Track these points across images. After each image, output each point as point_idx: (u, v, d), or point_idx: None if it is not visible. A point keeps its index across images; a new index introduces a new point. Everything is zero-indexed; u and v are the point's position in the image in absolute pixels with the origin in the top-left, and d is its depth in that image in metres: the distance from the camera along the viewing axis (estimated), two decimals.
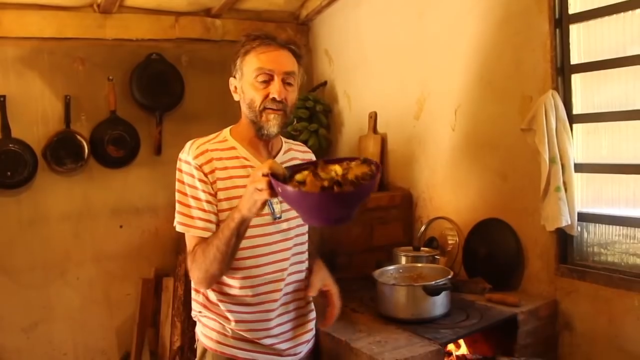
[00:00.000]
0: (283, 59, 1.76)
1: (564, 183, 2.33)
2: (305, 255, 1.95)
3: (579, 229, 2.38)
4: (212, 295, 1.85)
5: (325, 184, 1.46)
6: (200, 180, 1.75)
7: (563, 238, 2.43)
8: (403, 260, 2.70)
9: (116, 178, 3.44)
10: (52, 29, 3.19)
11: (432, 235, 2.96)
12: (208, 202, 1.75)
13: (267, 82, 1.74)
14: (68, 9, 3.22)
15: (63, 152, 3.24)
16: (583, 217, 2.37)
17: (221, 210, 1.77)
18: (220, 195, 1.76)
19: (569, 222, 2.31)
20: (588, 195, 2.41)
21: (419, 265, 2.54)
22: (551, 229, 2.35)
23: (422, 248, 2.80)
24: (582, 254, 2.42)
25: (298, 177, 1.53)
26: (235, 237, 1.63)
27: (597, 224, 2.37)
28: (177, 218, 1.79)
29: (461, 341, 2.38)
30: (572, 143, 2.36)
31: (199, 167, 1.74)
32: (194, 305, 1.92)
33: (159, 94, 3.47)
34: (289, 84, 1.77)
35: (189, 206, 1.76)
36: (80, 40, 3.29)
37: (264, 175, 1.49)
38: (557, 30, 2.41)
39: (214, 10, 3.59)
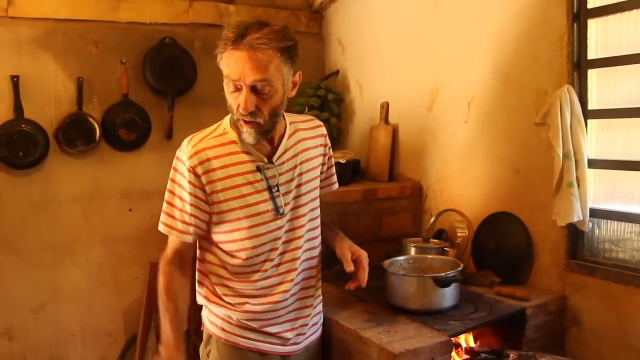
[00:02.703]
0: (253, 65, 1.57)
1: (577, 178, 2.31)
2: (318, 241, 1.95)
3: (591, 225, 2.36)
4: (218, 290, 1.85)
5: None
6: (190, 183, 1.70)
7: (574, 234, 2.42)
8: (412, 251, 2.70)
9: (127, 161, 3.44)
10: (66, 10, 3.18)
11: (442, 227, 2.96)
12: (193, 205, 1.71)
13: (238, 90, 1.63)
14: None
15: (75, 133, 3.23)
16: (595, 213, 2.36)
17: (221, 212, 1.74)
18: (220, 196, 1.72)
19: (581, 218, 2.30)
20: (601, 191, 2.39)
21: (429, 256, 2.54)
22: (562, 224, 2.34)
23: (431, 240, 2.80)
24: (592, 250, 2.41)
25: None
26: None
27: (609, 221, 2.35)
28: (162, 218, 1.76)
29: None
30: (586, 138, 2.35)
31: (192, 169, 1.69)
32: (198, 296, 1.91)
33: (171, 78, 3.46)
34: (262, 92, 1.62)
35: (173, 206, 1.74)
36: (94, 23, 3.28)
37: None
38: (575, 24, 2.38)
39: None
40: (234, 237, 1.77)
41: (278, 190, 1.76)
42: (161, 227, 1.77)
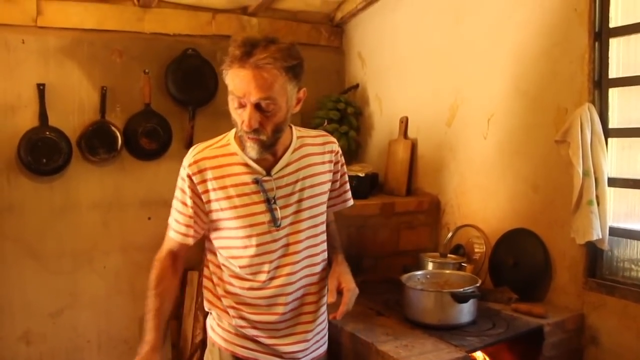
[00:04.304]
0: (258, 84, 1.59)
1: (597, 197, 2.31)
2: (320, 257, 1.92)
3: (610, 243, 2.36)
4: (219, 290, 1.87)
5: None
6: (190, 188, 1.76)
7: (593, 252, 2.41)
8: (430, 266, 2.71)
9: (147, 170, 3.48)
10: (93, 20, 3.24)
11: (459, 242, 2.96)
12: (193, 209, 1.77)
13: (242, 107, 1.64)
14: (109, 2, 3.28)
15: (97, 142, 3.28)
16: (614, 232, 2.36)
17: (217, 219, 1.79)
18: (214, 205, 1.76)
19: (600, 236, 2.30)
20: (621, 210, 2.39)
21: (447, 271, 2.55)
22: (581, 242, 2.34)
23: (448, 255, 2.80)
24: (611, 268, 2.40)
25: None
26: None
27: (628, 240, 2.35)
28: (169, 220, 1.85)
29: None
30: (606, 157, 2.35)
31: (190, 176, 1.75)
32: (204, 301, 1.94)
33: (193, 89, 3.50)
34: (266, 109, 1.63)
35: (177, 210, 1.81)
36: (119, 33, 3.34)
37: None
38: (597, 43, 2.39)
39: (250, 8, 3.62)
40: (229, 244, 1.82)
41: (275, 203, 1.77)
42: (169, 230, 1.85)
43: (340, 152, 1.99)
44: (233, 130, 1.80)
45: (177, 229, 1.81)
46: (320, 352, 2.00)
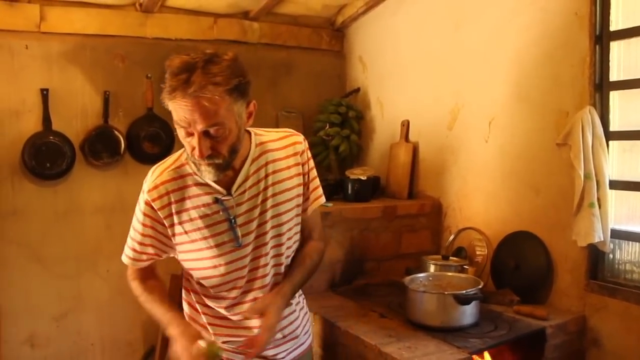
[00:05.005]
0: (202, 112, 1.47)
1: (598, 199, 2.33)
2: (288, 262, 1.86)
3: (612, 246, 2.38)
4: (199, 307, 1.83)
5: None
6: (145, 214, 1.69)
7: (594, 254, 2.43)
8: (432, 268, 2.72)
9: None
10: (95, 25, 3.26)
11: (461, 245, 2.98)
12: (146, 236, 1.71)
13: (191, 135, 1.53)
14: (111, 7, 3.29)
15: (100, 146, 3.29)
16: (616, 234, 2.37)
17: (182, 242, 1.71)
18: (179, 228, 1.68)
19: (602, 239, 2.31)
20: (622, 212, 2.41)
21: (449, 274, 2.56)
22: (583, 245, 2.35)
23: (450, 257, 2.81)
24: (613, 271, 2.42)
25: None
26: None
27: (630, 242, 2.37)
28: (127, 241, 1.79)
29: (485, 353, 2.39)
30: (607, 159, 2.36)
31: (149, 202, 1.67)
32: (185, 312, 1.89)
33: None
34: (216, 135, 1.52)
35: (131, 229, 1.76)
36: (121, 38, 3.35)
37: None
38: (597, 46, 2.41)
39: (252, 13, 3.64)
40: (198, 266, 1.76)
41: (236, 222, 1.70)
42: (124, 257, 1.80)
43: (307, 147, 1.85)
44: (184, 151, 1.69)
45: (128, 253, 1.78)
46: (305, 348, 1.96)
